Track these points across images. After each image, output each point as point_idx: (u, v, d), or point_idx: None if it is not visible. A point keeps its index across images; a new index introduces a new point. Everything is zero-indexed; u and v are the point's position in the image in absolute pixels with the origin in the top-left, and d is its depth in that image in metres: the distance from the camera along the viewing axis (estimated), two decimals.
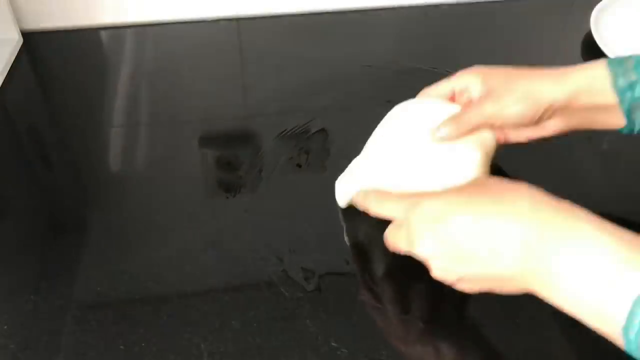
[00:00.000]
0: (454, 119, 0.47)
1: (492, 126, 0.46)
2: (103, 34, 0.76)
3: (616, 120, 0.45)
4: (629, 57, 0.43)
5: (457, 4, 0.81)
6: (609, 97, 0.43)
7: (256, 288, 0.44)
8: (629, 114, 0.44)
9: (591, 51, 0.70)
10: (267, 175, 0.54)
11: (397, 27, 0.78)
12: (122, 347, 0.40)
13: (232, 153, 0.57)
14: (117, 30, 0.76)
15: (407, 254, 0.40)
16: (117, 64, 0.70)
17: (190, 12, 0.77)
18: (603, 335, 0.31)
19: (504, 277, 0.35)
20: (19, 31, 0.72)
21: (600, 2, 0.74)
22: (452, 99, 0.50)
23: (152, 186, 0.53)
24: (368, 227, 0.48)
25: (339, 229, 0.49)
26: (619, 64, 0.43)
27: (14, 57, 0.70)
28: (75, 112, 0.63)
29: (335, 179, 0.50)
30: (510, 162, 0.54)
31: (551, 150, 0.57)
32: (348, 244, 0.48)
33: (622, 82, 0.43)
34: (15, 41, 0.71)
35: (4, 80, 0.66)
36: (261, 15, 0.78)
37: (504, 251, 0.34)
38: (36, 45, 0.73)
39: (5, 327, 0.41)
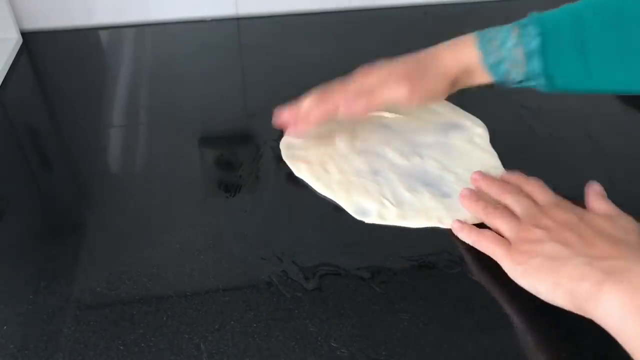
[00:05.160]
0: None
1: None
2: (103, 34, 0.76)
3: (486, 81, 0.51)
4: (495, 35, 0.48)
5: (457, 4, 0.81)
6: (483, 74, 0.50)
7: (256, 288, 0.44)
8: (500, 80, 0.50)
9: None
10: (267, 175, 0.54)
11: (397, 27, 0.78)
12: (122, 347, 0.40)
13: (232, 153, 0.57)
14: (116, 30, 0.76)
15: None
16: (117, 64, 0.70)
17: (190, 12, 0.77)
18: None
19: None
20: (18, 31, 0.72)
21: None
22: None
23: (151, 186, 0.53)
24: None
25: (339, 228, 0.49)
26: (488, 42, 0.48)
27: (13, 57, 0.70)
28: (75, 112, 0.63)
29: None
30: (510, 161, 0.54)
31: (551, 149, 0.57)
32: None
33: (491, 59, 0.48)
34: (14, 41, 0.71)
35: (4, 80, 0.66)
36: (261, 15, 0.78)
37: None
38: (36, 45, 0.73)
39: (5, 327, 0.41)
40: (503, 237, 0.45)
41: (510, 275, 0.42)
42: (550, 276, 0.39)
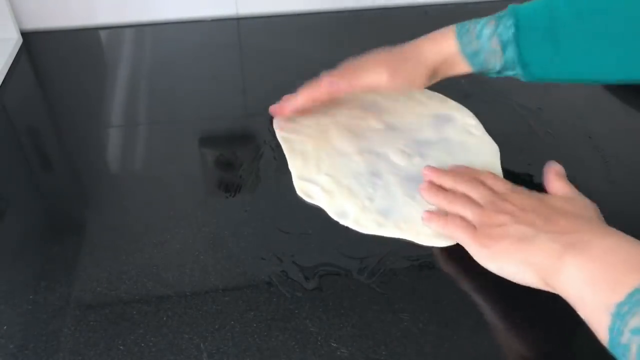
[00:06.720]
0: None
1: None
2: (102, 33, 0.76)
3: (466, 71, 0.52)
4: (474, 26, 0.50)
5: (458, 4, 0.81)
6: (462, 64, 0.51)
7: (256, 288, 0.44)
8: (478, 70, 0.51)
9: None
10: (267, 175, 0.54)
11: (397, 27, 0.78)
12: (122, 347, 0.40)
13: (232, 153, 0.57)
14: (116, 30, 0.76)
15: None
16: (117, 63, 0.70)
17: (190, 12, 0.77)
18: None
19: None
20: (18, 31, 0.72)
21: None
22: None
23: (151, 186, 0.53)
24: None
25: (339, 228, 0.49)
26: (465, 33, 0.50)
27: (13, 57, 0.70)
28: (75, 112, 0.63)
29: None
30: (510, 162, 0.54)
31: (551, 149, 0.57)
32: None
33: (469, 49, 0.50)
34: (14, 41, 0.71)
35: (4, 79, 0.66)
36: (261, 14, 0.78)
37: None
38: (36, 45, 0.73)
39: (5, 327, 0.41)
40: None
41: (477, 259, 0.43)
42: (519, 256, 0.41)
